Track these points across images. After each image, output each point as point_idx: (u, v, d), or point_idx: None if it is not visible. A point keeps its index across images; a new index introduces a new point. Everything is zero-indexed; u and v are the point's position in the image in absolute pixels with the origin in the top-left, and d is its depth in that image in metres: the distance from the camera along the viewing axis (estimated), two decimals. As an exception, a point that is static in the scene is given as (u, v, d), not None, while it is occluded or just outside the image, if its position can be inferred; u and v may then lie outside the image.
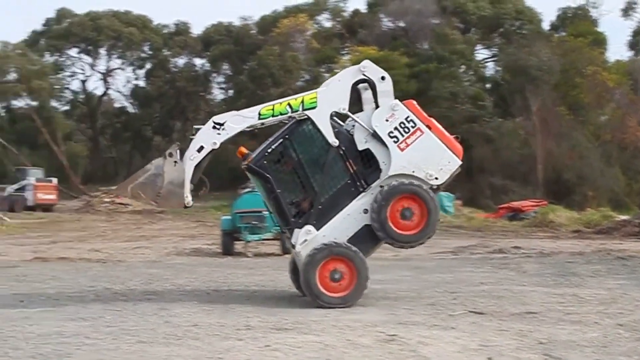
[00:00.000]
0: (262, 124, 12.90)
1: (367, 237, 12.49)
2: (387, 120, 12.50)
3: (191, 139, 12.88)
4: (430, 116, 12.93)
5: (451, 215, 39.57)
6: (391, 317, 11.38)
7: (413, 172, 12.45)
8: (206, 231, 31.62)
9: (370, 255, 12.97)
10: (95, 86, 73.42)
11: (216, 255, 22.15)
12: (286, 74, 61.69)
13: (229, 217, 22.39)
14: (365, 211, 12.41)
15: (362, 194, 12.50)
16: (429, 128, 12.67)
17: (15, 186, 50.91)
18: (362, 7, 67.35)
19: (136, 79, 74.14)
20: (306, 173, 12.62)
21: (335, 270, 12.21)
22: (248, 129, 13.02)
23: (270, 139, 12.77)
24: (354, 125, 12.72)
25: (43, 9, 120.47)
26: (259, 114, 12.81)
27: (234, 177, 54.97)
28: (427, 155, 12.54)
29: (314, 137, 12.62)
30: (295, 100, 12.86)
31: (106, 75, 73.74)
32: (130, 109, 74.43)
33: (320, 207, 12.48)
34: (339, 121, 13.00)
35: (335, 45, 66.60)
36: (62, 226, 37.66)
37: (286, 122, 12.89)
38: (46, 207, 49.03)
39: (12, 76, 63.96)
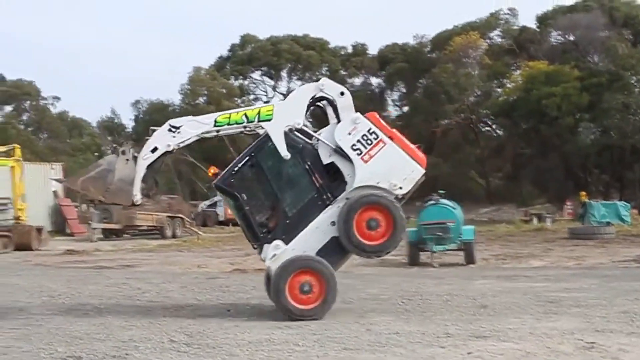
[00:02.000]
0: (218, 131, 13.11)
1: (335, 249, 12.63)
2: (349, 134, 12.65)
3: (146, 140, 13.16)
4: (393, 127, 13.04)
5: (629, 224, 38.54)
6: (587, 325, 11.45)
7: (377, 182, 12.57)
8: (389, 243, 31.94)
9: (340, 268, 13.15)
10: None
11: (402, 266, 22.58)
12: (460, 90, 61.67)
13: (414, 229, 22.81)
14: (333, 223, 12.52)
15: (329, 206, 12.62)
16: (392, 139, 12.75)
17: (208, 202, 53.47)
18: (532, 23, 66.61)
19: (315, 99, 75.72)
20: (273, 189, 12.78)
21: (305, 283, 12.37)
22: (206, 136, 13.23)
23: (237, 158, 12.99)
24: (318, 141, 12.83)
25: (229, 35, 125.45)
26: (215, 121, 13.07)
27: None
28: (391, 166, 12.64)
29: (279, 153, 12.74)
30: (252, 111, 13.12)
31: (287, 96, 75.72)
32: (310, 128, 75.83)
33: (288, 221, 12.65)
34: (304, 138, 13.04)
35: (507, 61, 66.04)
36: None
37: (244, 133, 13.31)
38: (236, 222, 50.40)
39: (203, 99, 67.02)
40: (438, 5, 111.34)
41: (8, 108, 73.94)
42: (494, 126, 67.95)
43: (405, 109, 72.88)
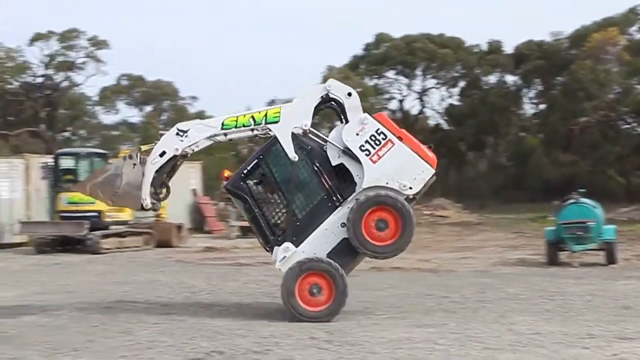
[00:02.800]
0: (226, 134, 13.03)
1: (346, 251, 12.44)
2: (357, 134, 12.45)
3: (155, 144, 13.16)
4: (401, 127, 12.67)
5: None
6: None
7: (387, 183, 12.33)
8: (526, 242, 31.21)
9: (352, 270, 12.94)
10: (412, 105, 74.88)
11: (541, 265, 22.06)
12: (599, 87, 60.11)
13: (553, 228, 22.39)
14: (343, 225, 12.33)
15: (339, 208, 12.44)
16: (400, 139, 12.47)
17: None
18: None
19: (450, 97, 75.12)
20: (282, 191, 12.64)
21: (314, 285, 12.22)
22: (216, 140, 13.15)
23: (247, 161, 12.97)
24: (327, 142, 12.62)
25: (364, 34, 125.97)
26: (223, 124, 12.99)
27: (547, 189, 54.63)
28: (400, 166, 12.39)
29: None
30: (259, 113, 12.97)
31: (421, 94, 75.33)
32: (445, 126, 75.43)
33: (298, 223, 12.51)
34: (312, 139, 12.85)
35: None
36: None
37: (257, 137, 13.24)
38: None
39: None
40: (573, 1, 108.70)
41: (148, 108, 76.29)
42: (634, 124, 65.90)
43: (542, 106, 71.68)
